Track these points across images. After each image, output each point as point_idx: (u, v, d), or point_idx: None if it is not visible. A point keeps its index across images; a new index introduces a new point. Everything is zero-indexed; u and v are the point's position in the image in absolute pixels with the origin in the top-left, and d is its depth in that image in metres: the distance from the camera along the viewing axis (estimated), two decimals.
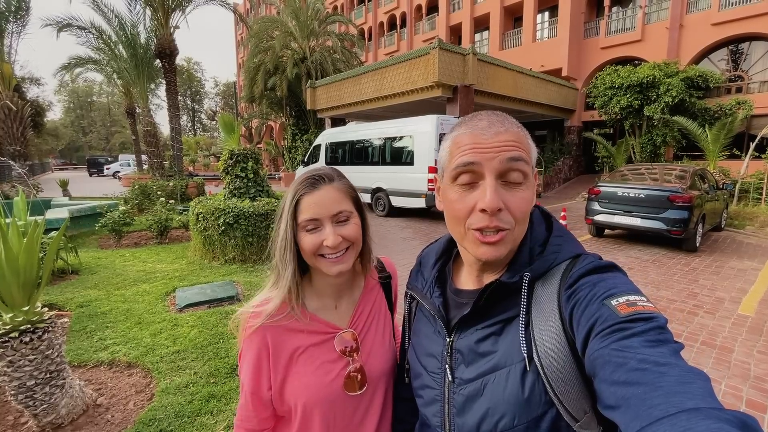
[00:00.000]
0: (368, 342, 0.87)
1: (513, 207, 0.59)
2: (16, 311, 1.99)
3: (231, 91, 50.52)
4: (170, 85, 13.02)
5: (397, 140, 9.95)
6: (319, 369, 0.82)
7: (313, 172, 0.82)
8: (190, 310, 3.74)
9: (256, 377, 0.81)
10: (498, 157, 0.58)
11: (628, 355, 0.44)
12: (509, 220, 0.59)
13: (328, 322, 0.85)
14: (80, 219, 7.48)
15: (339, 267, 0.79)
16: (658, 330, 0.46)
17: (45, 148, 45.53)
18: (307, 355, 0.82)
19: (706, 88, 12.44)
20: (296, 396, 0.80)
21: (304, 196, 0.78)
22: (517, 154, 0.59)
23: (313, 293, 0.87)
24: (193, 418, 2.20)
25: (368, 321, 0.89)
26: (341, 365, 0.83)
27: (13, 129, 13.71)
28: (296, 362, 0.81)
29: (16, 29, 13.92)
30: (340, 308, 0.88)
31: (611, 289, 0.52)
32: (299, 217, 0.78)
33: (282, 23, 19.98)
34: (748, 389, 2.63)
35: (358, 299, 0.90)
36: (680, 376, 0.40)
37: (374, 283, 0.94)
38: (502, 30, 19.39)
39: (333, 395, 0.81)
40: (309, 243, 0.77)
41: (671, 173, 6.92)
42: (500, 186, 0.59)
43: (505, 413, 0.58)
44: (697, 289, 4.59)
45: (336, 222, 0.79)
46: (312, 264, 0.81)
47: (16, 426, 2.15)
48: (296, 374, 0.81)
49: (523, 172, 0.60)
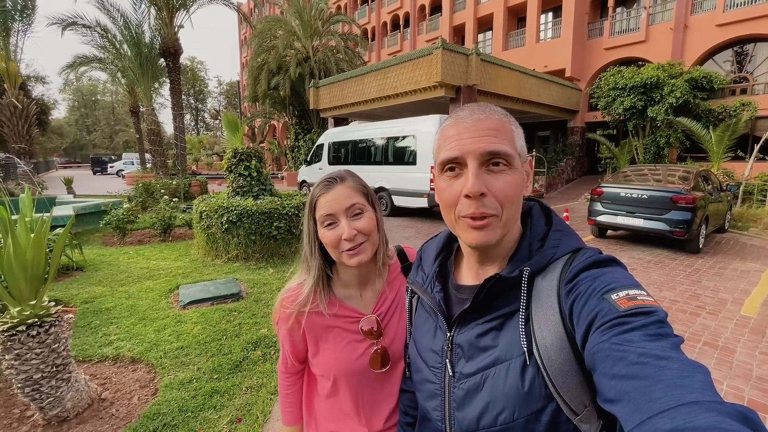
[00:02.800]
0: (392, 326, 0.95)
1: (496, 191, 0.60)
2: (24, 305, 2.01)
3: (234, 91, 50.70)
4: (174, 84, 13.07)
5: (399, 140, 9.96)
6: (347, 347, 0.93)
7: (328, 176, 0.91)
8: (194, 307, 3.76)
9: (291, 343, 0.97)
10: (478, 145, 0.60)
11: (628, 349, 0.44)
12: (494, 205, 0.60)
13: (354, 308, 0.96)
14: (85, 216, 7.53)
15: (358, 258, 0.86)
16: (658, 324, 0.46)
17: (49, 146, 45.82)
18: (336, 334, 0.94)
19: (710, 89, 12.38)
20: (328, 367, 0.94)
21: (321, 196, 0.88)
22: (495, 139, 0.60)
23: (339, 284, 0.97)
24: (196, 413, 2.22)
25: (392, 307, 0.97)
26: (366, 345, 0.93)
27: (19, 127, 13.81)
28: (327, 339, 0.94)
29: (22, 28, 14.02)
30: (365, 297, 0.97)
31: (611, 283, 0.52)
32: (317, 214, 0.89)
33: (285, 23, 20.04)
34: (750, 390, 2.63)
35: (382, 288, 0.98)
36: (680, 370, 0.40)
37: (397, 272, 1.01)
38: (505, 30, 19.36)
39: (360, 369, 0.92)
40: (329, 238, 0.87)
41: (674, 174, 6.90)
42: (484, 172, 0.60)
43: (505, 407, 0.59)
44: (699, 290, 4.58)
45: (351, 216, 0.87)
46: (336, 258, 0.90)
47: (22, 419, 2.18)
48: (327, 349, 0.94)
49: (505, 157, 0.60)
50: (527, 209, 0.71)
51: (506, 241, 0.66)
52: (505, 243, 0.66)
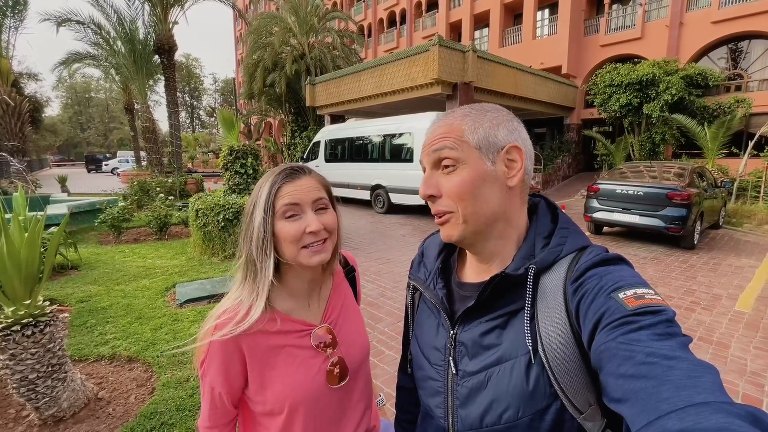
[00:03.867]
0: (344, 334, 0.89)
1: (446, 190, 0.63)
2: (18, 305, 2.00)
3: (230, 88, 50.35)
4: (169, 81, 12.96)
5: (396, 137, 9.94)
6: (300, 366, 0.81)
7: (289, 165, 0.82)
8: (190, 306, 3.75)
9: (226, 378, 0.78)
10: (428, 152, 0.65)
11: (635, 349, 0.43)
12: (447, 203, 0.63)
13: (302, 321, 0.85)
14: (79, 215, 7.47)
15: (320, 257, 0.79)
16: (666, 323, 0.45)
17: (43, 144, 45.40)
18: (286, 355, 0.81)
19: (705, 86, 12.43)
20: (281, 397, 0.79)
21: (284, 184, 0.78)
22: (439, 144, 0.64)
23: (285, 294, 0.85)
24: (194, 411, 2.22)
25: (341, 314, 0.92)
26: (320, 360, 0.84)
27: (12, 125, 13.64)
28: (275, 364, 0.80)
29: (14, 24, 13.83)
30: (313, 306, 0.88)
31: (618, 282, 0.52)
32: (277, 203, 0.76)
33: (281, 19, 19.88)
34: (744, 384, 2.66)
35: (329, 295, 0.92)
36: (689, 370, 0.39)
37: (341, 278, 0.97)
38: (502, 27, 19.34)
39: (317, 391, 0.82)
40: (291, 231, 0.76)
41: (670, 171, 6.94)
42: (439, 173, 0.65)
43: (509, 405, 0.58)
44: (694, 286, 4.61)
45: (316, 209, 0.79)
46: (292, 256, 0.78)
47: (18, 419, 2.16)
48: (278, 376, 0.80)
49: (452, 158, 0.63)
50: (533, 205, 0.70)
51: (510, 238, 0.66)
52: (509, 240, 0.66)
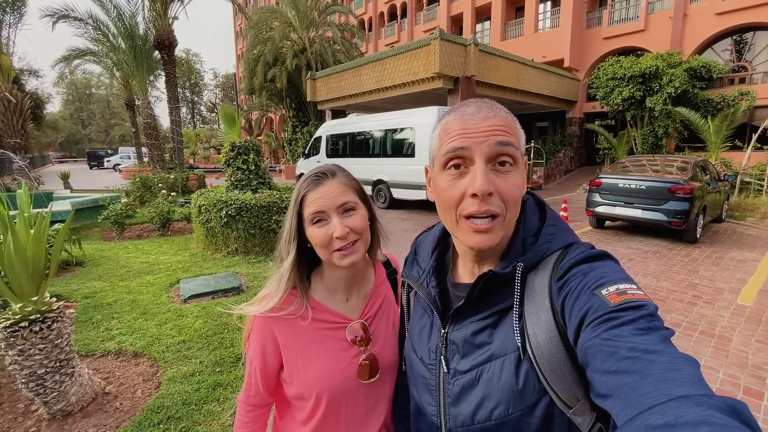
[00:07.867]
0: (380, 333, 0.90)
1: (503, 191, 0.59)
2: (26, 301, 2.02)
3: (230, 83, 50.19)
4: (169, 76, 12.92)
5: (398, 132, 9.92)
6: (333, 357, 0.84)
7: (317, 170, 0.84)
8: (194, 301, 3.78)
9: (263, 360, 0.85)
10: (487, 141, 0.58)
11: (618, 344, 0.44)
12: (500, 204, 0.59)
13: (338, 313, 0.87)
14: (82, 211, 7.51)
15: (350, 259, 0.80)
16: (647, 318, 0.46)
17: (45, 140, 45.38)
18: (321, 344, 0.85)
19: (709, 78, 12.32)
20: (311, 384, 0.82)
21: (309, 192, 0.80)
22: (505, 138, 0.59)
23: (323, 288, 0.89)
24: (200, 405, 2.25)
25: (379, 313, 0.92)
26: (353, 353, 0.85)
27: (13, 121, 13.65)
28: (309, 351, 0.84)
29: (14, 20, 13.80)
30: (351, 301, 0.90)
31: (601, 279, 0.52)
32: (305, 211, 0.80)
33: (281, 14, 19.77)
34: (745, 377, 2.67)
35: (369, 292, 0.92)
36: (670, 363, 0.40)
37: (383, 278, 0.97)
38: (503, 20, 19.18)
39: (346, 383, 0.84)
40: (319, 236, 0.79)
41: (672, 165, 6.91)
42: (490, 171, 0.59)
43: (499, 402, 0.59)
44: (696, 279, 4.61)
45: (342, 213, 0.80)
46: (325, 258, 0.82)
47: (27, 413, 2.20)
48: (311, 362, 0.83)
49: (513, 157, 0.59)
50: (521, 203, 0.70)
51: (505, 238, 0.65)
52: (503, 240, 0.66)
